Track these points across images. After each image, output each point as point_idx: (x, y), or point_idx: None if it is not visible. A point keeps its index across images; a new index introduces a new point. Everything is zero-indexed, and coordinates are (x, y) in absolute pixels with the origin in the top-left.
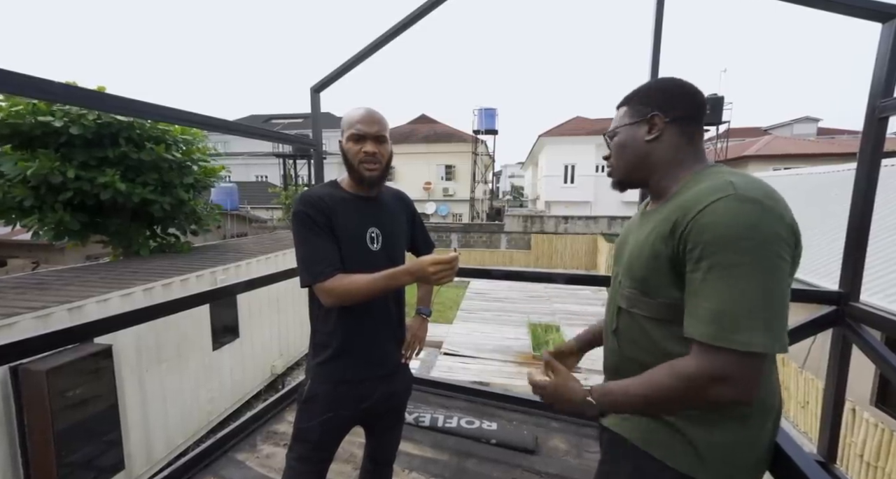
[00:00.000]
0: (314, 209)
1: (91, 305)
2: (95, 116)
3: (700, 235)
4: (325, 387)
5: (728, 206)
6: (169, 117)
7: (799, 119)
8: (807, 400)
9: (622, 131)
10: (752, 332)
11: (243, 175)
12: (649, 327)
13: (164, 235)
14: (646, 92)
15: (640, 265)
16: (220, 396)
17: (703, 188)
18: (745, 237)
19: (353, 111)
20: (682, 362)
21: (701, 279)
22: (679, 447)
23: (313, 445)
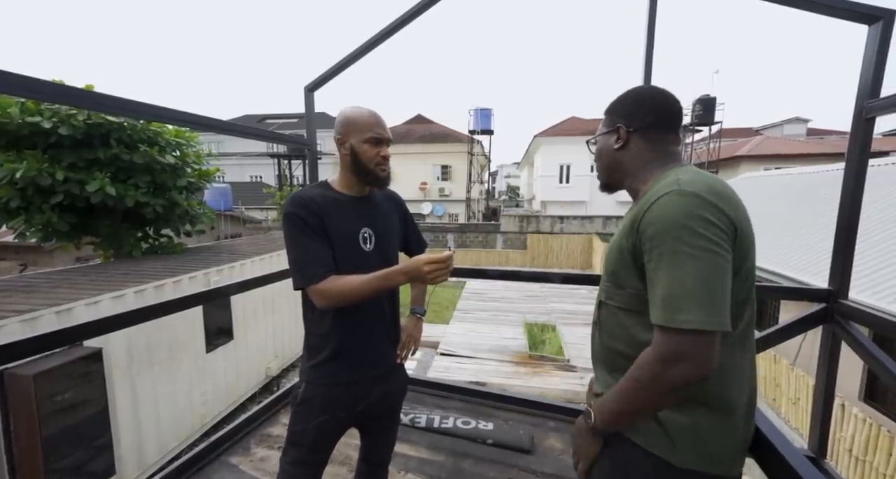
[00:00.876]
0: (305, 210)
1: (80, 307)
2: (85, 116)
3: (647, 229)
4: (320, 389)
5: (669, 200)
6: (163, 117)
7: (789, 120)
8: (798, 396)
9: (598, 140)
10: (692, 311)
11: (237, 175)
12: (622, 316)
13: (157, 237)
14: (617, 104)
15: (612, 259)
16: (214, 398)
17: (657, 187)
18: (681, 226)
19: (363, 113)
20: (643, 355)
21: (653, 269)
22: (653, 431)
23: (308, 448)
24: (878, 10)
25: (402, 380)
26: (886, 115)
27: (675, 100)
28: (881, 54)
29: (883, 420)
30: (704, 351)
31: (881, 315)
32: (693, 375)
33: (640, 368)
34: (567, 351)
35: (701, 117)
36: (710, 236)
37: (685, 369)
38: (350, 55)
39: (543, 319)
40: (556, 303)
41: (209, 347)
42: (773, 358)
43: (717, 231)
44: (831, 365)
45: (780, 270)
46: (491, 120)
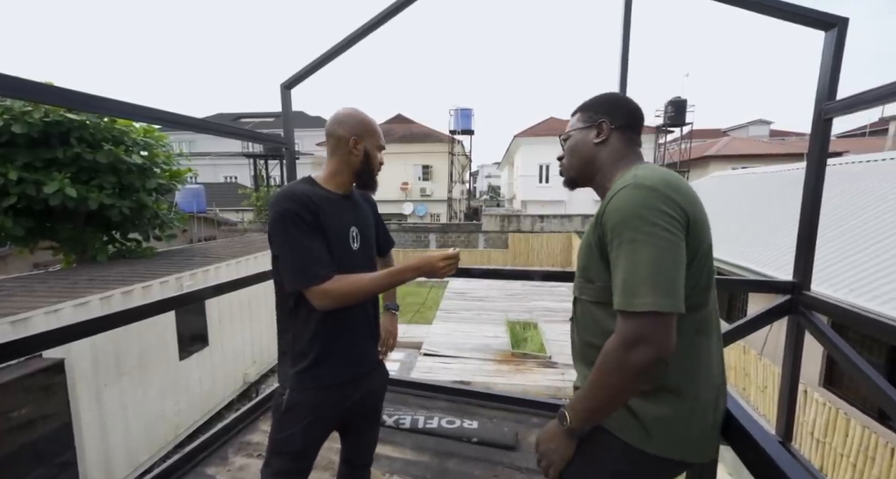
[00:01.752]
0: (302, 207)
1: (39, 316)
2: (42, 113)
3: (608, 222)
4: (306, 395)
5: (626, 193)
6: (134, 115)
7: (753, 121)
8: (765, 385)
9: (574, 135)
10: (647, 295)
11: (211, 176)
12: (594, 310)
13: (124, 241)
14: (596, 102)
15: (582, 255)
16: (189, 407)
17: (618, 182)
18: (635, 216)
19: (374, 121)
20: (606, 344)
21: (614, 258)
22: (630, 422)
23: (294, 455)
24: (833, 17)
25: (383, 376)
26: (843, 116)
27: (638, 107)
28: (836, 59)
29: (840, 404)
30: (662, 332)
31: (840, 305)
32: (653, 355)
33: (604, 355)
34: (548, 348)
35: (673, 119)
36: (662, 225)
37: (646, 350)
38: (328, 52)
39: (525, 317)
40: (537, 301)
41: (183, 354)
42: (743, 349)
43: (671, 219)
44: (796, 353)
45: (747, 264)
46: (471, 120)
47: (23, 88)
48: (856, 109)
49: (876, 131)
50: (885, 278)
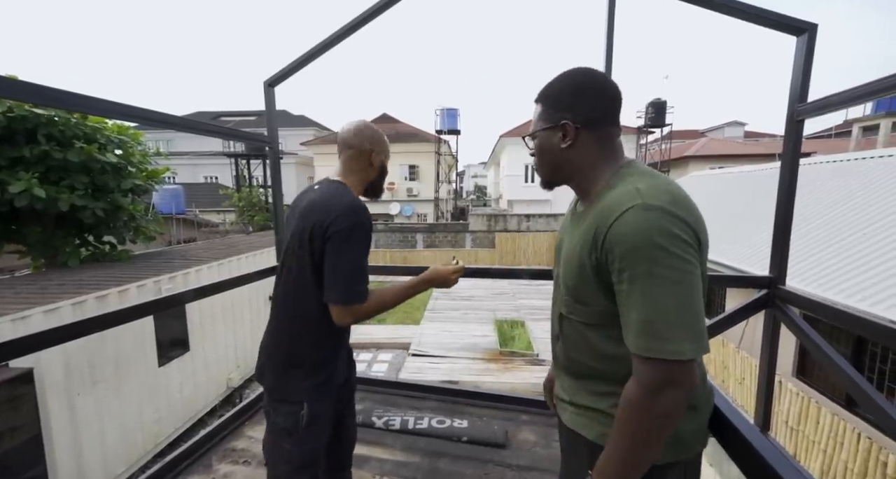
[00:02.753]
0: (371, 223)
1: (5, 323)
2: (5, 108)
3: (615, 247)
4: (325, 406)
5: (635, 216)
6: (111, 112)
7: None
8: (743, 377)
9: (539, 136)
10: (680, 341)
11: (190, 176)
12: (586, 331)
13: (98, 244)
14: (557, 93)
15: (571, 274)
16: (169, 415)
17: (616, 196)
18: (652, 245)
19: (383, 133)
20: (626, 392)
21: (626, 292)
22: None
23: (317, 465)
24: (804, 23)
25: (353, 369)
26: (814, 117)
27: (613, 84)
28: (808, 63)
29: (812, 394)
30: (690, 375)
31: (814, 299)
32: (684, 398)
33: (629, 407)
34: (536, 346)
35: (653, 120)
36: (682, 255)
37: (676, 393)
38: (313, 50)
39: (513, 315)
40: (524, 299)
41: (162, 360)
42: (722, 342)
43: (688, 247)
44: (773, 346)
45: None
46: (457, 120)
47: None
48: (827, 111)
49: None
50: (849, 273)
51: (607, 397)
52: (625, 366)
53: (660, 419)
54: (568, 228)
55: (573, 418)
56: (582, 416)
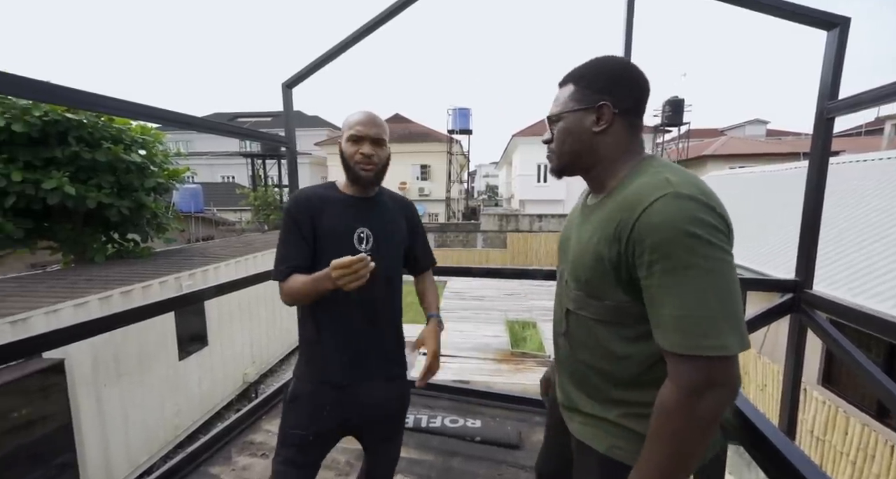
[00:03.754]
0: (297, 208)
1: (38, 317)
2: (41, 112)
3: (645, 239)
4: (308, 388)
5: (667, 205)
6: (136, 114)
7: (751, 121)
8: (764, 383)
9: (568, 117)
10: (722, 335)
11: (208, 176)
12: (597, 328)
13: (123, 241)
14: (595, 75)
15: (584, 268)
16: (188, 408)
17: (642, 185)
18: (687, 234)
19: (354, 114)
20: (662, 398)
21: (657, 286)
22: (637, 447)
23: (299, 448)
24: (836, 17)
25: (399, 391)
26: (845, 115)
27: (645, 76)
28: (839, 58)
29: (840, 403)
30: (733, 373)
31: (842, 304)
32: (727, 400)
33: (665, 414)
34: (547, 347)
35: (670, 118)
36: (719, 244)
37: (720, 394)
38: (329, 52)
39: (525, 316)
40: (535, 300)
41: (182, 354)
42: None
43: (723, 236)
44: (798, 352)
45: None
46: (469, 119)
47: (24, 86)
48: (858, 109)
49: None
50: (882, 277)
51: (616, 406)
52: (635, 368)
53: (702, 425)
54: (577, 223)
55: (581, 428)
56: (590, 426)
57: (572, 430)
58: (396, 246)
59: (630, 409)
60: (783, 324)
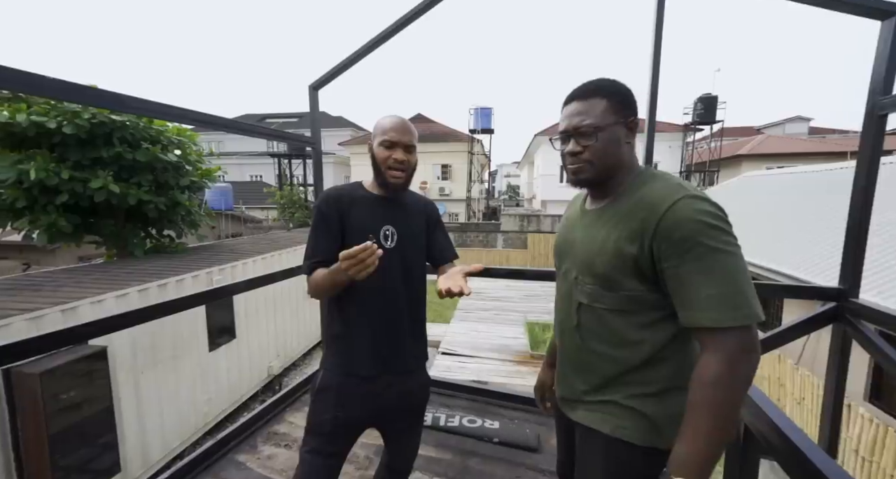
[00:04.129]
0: (327, 204)
1: (85, 306)
2: (90, 115)
3: (673, 233)
4: (335, 380)
5: (689, 205)
6: (170, 115)
7: (791, 118)
8: (802, 396)
9: (608, 130)
10: (748, 306)
11: (237, 175)
12: (611, 318)
13: (159, 236)
14: (624, 93)
15: (603, 262)
16: (217, 397)
17: (659, 189)
18: (712, 227)
19: (387, 119)
20: (701, 371)
21: (689, 271)
22: (641, 426)
23: (326, 437)
24: (892, 5)
25: (422, 379)
26: None
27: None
28: (894, 50)
29: (889, 420)
30: (757, 338)
31: (892, 314)
32: (757, 363)
33: (707, 386)
34: None
35: (702, 116)
36: (733, 234)
37: (750, 359)
38: (355, 53)
39: (546, 318)
40: None
41: (212, 346)
42: (778, 358)
43: (731, 229)
44: (842, 364)
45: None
46: (491, 119)
47: (72, 91)
48: None
49: None
50: None
51: (624, 387)
52: (647, 351)
53: (743, 389)
54: (580, 226)
55: (586, 415)
56: (595, 412)
57: (576, 419)
58: (419, 243)
59: (637, 389)
60: (825, 334)
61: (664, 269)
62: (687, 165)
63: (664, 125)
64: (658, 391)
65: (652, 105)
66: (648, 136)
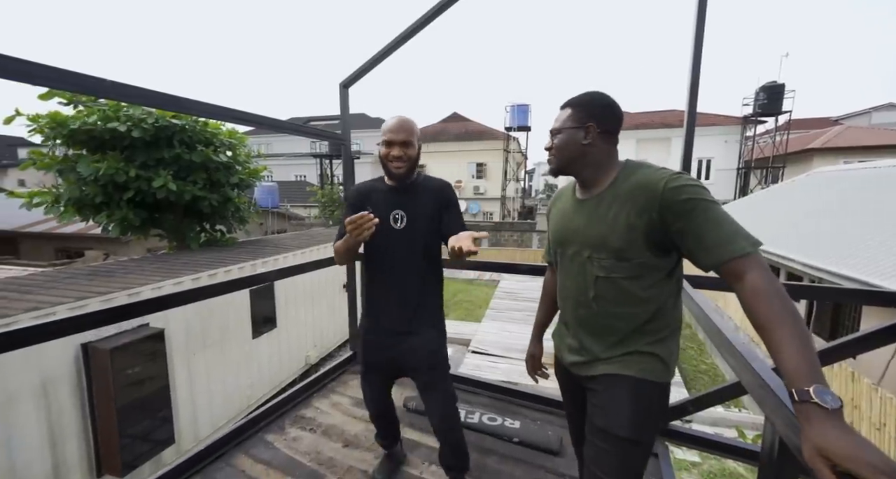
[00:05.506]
0: (353, 196)
1: (147, 291)
2: (154, 119)
3: (678, 197)
4: (361, 331)
5: (681, 178)
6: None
7: (879, 107)
8: (883, 422)
9: (565, 132)
10: (752, 236)
11: (283, 175)
12: (626, 283)
13: (212, 231)
14: (588, 104)
15: (616, 237)
16: (259, 382)
17: (651, 173)
18: (704, 189)
19: (387, 121)
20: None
21: (699, 223)
22: (659, 366)
23: (363, 372)
24: None
25: (424, 339)
26: None
27: (621, 110)
28: None
29: None
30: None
31: None
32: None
33: (766, 293)
34: None
35: (765, 107)
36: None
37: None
38: (382, 50)
39: None
40: None
41: (255, 333)
42: (852, 375)
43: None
44: None
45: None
46: (528, 116)
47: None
48: None
49: None
50: None
51: (644, 336)
52: (654, 305)
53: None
54: (578, 212)
55: (609, 366)
56: (616, 362)
57: (596, 372)
58: (425, 224)
59: (651, 337)
60: None
61: (676, 230)
62: (746, 160)
63: (719, 118)
64: (664, 337)
65: (692, 99)
66: (687, 130)
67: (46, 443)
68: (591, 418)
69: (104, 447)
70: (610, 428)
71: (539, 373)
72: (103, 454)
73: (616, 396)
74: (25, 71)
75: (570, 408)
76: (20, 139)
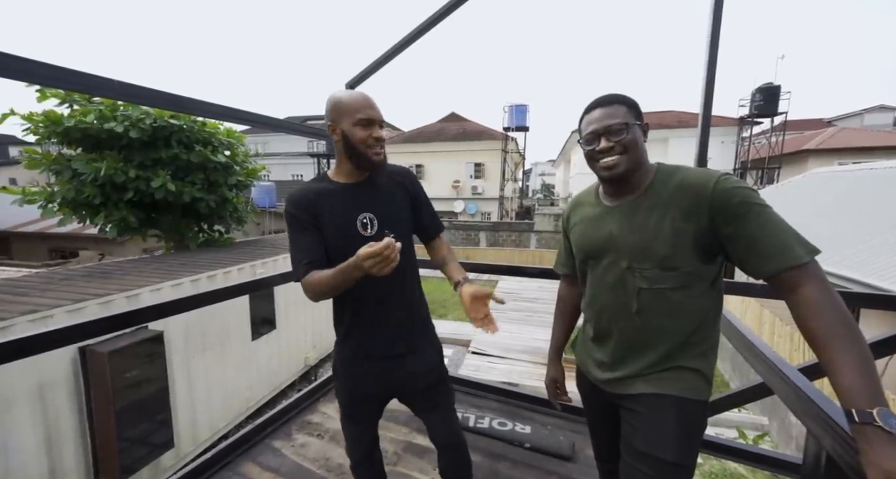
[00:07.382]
0: (296, 207)
1: (146, 293)
2: (152, 119)
3: (731, 199)
4: (340, 364)
5: (729, 179)
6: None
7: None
8: None
9: (634, 129)
10: (809, 243)
11: (281, 174)
12: (673, 294)
13: (210, 231)
14: (633, 102)
15: (661, 245)
16: (258, 384)
17: (695, 174)
18: (755, 191)
19: (353, 95)
20: (809, 297)
21: (755, 226)
22: (701, 383)
23: (347, 417)
24: None
25: (426, 362)
26: None
27: None
28: None
29: None
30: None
31: None
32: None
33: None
34: None
35: (761, 108)
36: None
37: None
38: (388, 52)
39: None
40: None
41: (254, 335)
42: None
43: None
44: None
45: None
46: (526, 116)
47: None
48: None
49: None
50: None
51: (685, 350)
52: (700, 315)
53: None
54: (610, 220)
55: (649, 385)
56: (657, 380)
57: (634, 390)
58: (402, 225)
59: (694, 350)
60: None
61: (728, 233)
62: (742, 161)
63: (716, 119)
64: (705, 350)
65: (707, 98)
66: (702, 131)
67: (43, 447)
68: (630, 439)
69: (102, 451)
70: (654, 452)
71: (564, 399)
72: (101, 457)
73: (659, 418)
74: (31, 71)
75: (597, 424)
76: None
